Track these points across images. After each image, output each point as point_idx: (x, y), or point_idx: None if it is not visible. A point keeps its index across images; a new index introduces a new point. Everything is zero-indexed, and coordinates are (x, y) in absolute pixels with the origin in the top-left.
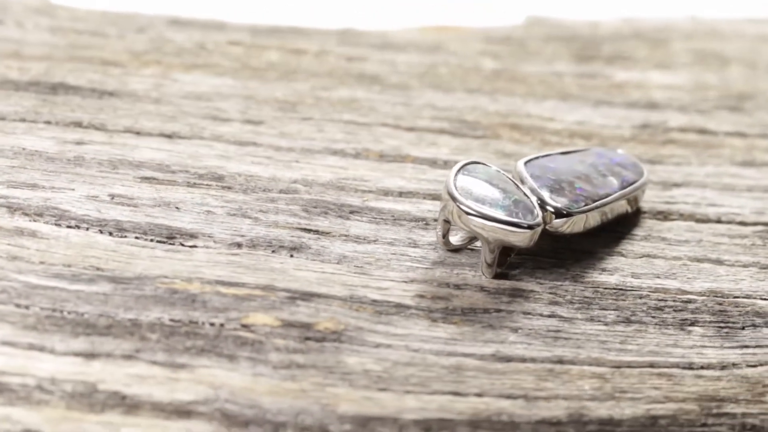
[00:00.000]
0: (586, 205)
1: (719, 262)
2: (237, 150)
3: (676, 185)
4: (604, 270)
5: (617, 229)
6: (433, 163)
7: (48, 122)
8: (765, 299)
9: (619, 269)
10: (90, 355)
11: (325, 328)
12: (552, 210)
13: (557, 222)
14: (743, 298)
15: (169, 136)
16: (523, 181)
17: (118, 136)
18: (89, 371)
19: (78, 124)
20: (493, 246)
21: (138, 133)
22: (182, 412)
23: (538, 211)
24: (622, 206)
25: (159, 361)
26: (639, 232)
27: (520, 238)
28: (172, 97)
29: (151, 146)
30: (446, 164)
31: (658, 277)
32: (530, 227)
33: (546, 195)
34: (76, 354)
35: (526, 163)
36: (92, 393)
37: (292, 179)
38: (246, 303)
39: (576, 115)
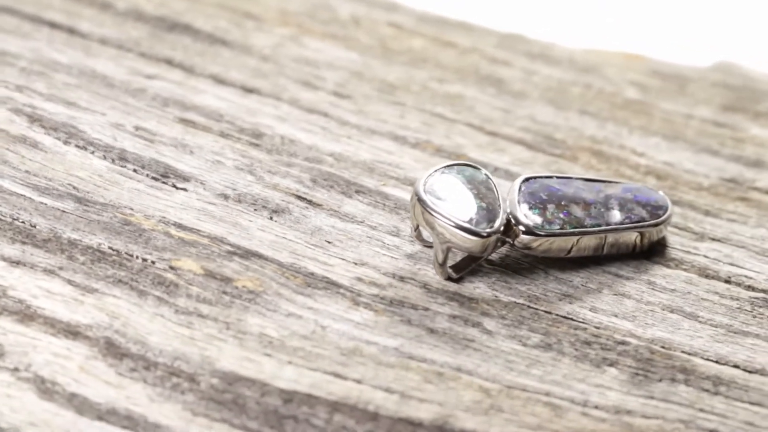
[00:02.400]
0: (561, 228)
1: (692, 316)
2: (300, 115)
3: (713, 239)
4: (565, 297)
5: (613, 264)
6: (485, 167)
7: (141, 54)
8: (708, 360)
9: (581, 300)
10: (15, 263)
11: (243, 286)
12: (522, 228)
13: (525, 239)
14: (685, 353)
15: (248, 91)
16: (509, 194)
17: (195, 79)
18: (7, 276)
19: (168, 62)
20: (443, 246)
21: (220, 82)
22: (71, 332)
23: (500, 222)
24: (625, 241)
25: (74, 282)
26: (633, 272)
27: (470, 245)
28: (282, 57)
29: (219, 95)
30: (495, 171)
31: (615, 316)
32: (480, 235)
33: (520, 211)
34: (4, 259)
35: (527, 179)
36: None
37: (329, 151)
38: (186, 248)
39: (670, 156)
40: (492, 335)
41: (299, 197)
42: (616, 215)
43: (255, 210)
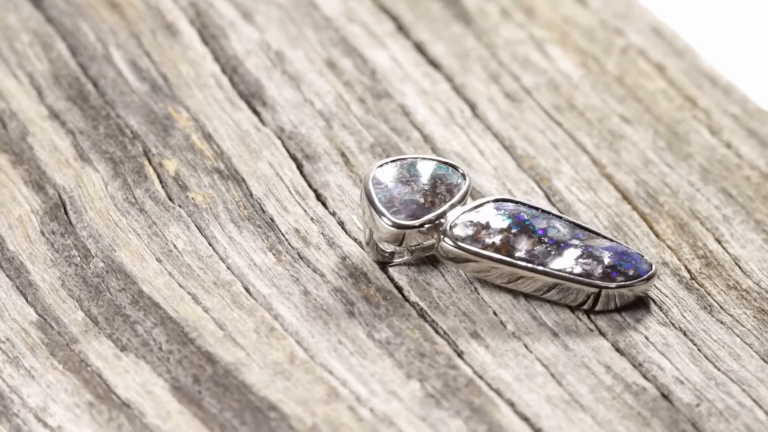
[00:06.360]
0: (483, 249)
1: (557, 376)
2: (446, 97)
3: (678, 328)
4: (462, 316)
5: (546, 308)
6: (553, 195)
7: (377, 3)
8: (517, 412)
9: (474, 324)
10: (54, 116)
11: (193, 198)
12: (447, 239)
13: (447, 248)
14: (504, 399)
15: (431, 64)
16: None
17: (395, 38)
18: (37, 125)
19: (393, 17)
20: (368, 226)
21: (416, 48)
22: (39, 185)
23: (423, 221)
24: (575, 291)
25: (80, 147)
26: (555, 323)
27: (382, 232)
28: (505, 51)
29: (396, 57)
30: (558, 201)
31: (486, 348)
32: (393, 225)
33: (453, 219)
34: (51, 111)
35: (504, 199)
36: (4, 114)
37: (427, 132)
38: (187, 152)
39: (748, 252)
40: (351, 317)
41: (342, 154)
42: (560, 261)
43: (293, 149)
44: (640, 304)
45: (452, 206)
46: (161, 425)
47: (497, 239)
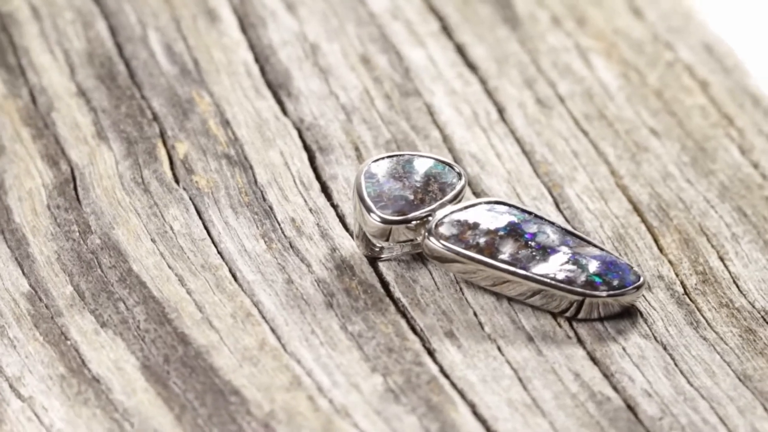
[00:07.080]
0: (465, 249)
1: (524, 380)
2: (476, 99)
3: (660, 342)
4: (441, 314)
5: (528, 312)
6: (562, 203)
7: (428, 4)
8: (476, 414)
9: (451, 324)
10: (81, 93)
11: (197, 182)
12: (432, 237)
13: (430, 244)
14: (464, 399)
15: (469, 66)
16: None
17: (436, 39)
18: (66, 104)
19: (439, 18)
20: (356, 219)
21: (456, 50)
22: (54, 161)
23: (410, 218)
24: (557, 298)
25: (99, 125)
26: (534, 328)
27: (369, 225)
28: (546, 57)
29: (433, 57)
30: (564, 208)
31: (458, 348)
32: (379, 219)
33: (439, 218)
34: (78, 86)
35: (499, 202)
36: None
37: (448, 131)
38: (201, 137)
39: (747, 270)
40: (328, 308)
41: (356, 148)
42: (543, 267)
43: (309, 141)
44: (626, 315)
45: (442, 205)
46: (125, 401)
47: (482, 240)
